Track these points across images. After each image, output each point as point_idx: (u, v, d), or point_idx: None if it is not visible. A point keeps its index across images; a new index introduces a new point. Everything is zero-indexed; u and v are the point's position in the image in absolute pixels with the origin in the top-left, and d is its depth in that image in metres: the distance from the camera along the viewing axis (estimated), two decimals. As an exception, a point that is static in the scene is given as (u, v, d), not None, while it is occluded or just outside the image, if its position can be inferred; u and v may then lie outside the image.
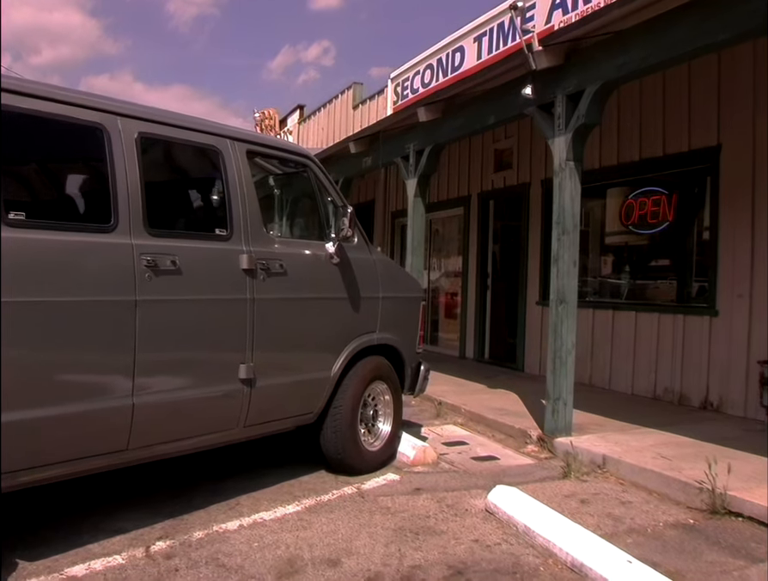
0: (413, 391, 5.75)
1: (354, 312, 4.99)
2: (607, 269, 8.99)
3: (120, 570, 3.43)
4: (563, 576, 3.47)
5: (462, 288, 11.63)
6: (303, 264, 4.67)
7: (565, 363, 5.94)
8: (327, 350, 4.83)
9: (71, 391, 3.38)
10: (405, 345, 5.50)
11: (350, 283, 4.94)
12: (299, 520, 4.17)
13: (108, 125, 3.66)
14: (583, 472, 5.17)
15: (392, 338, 5.34)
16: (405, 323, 5.58)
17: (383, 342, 5.26)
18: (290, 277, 4.49)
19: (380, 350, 5.27)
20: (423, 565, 3.58)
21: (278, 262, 4.44)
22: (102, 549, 3.64)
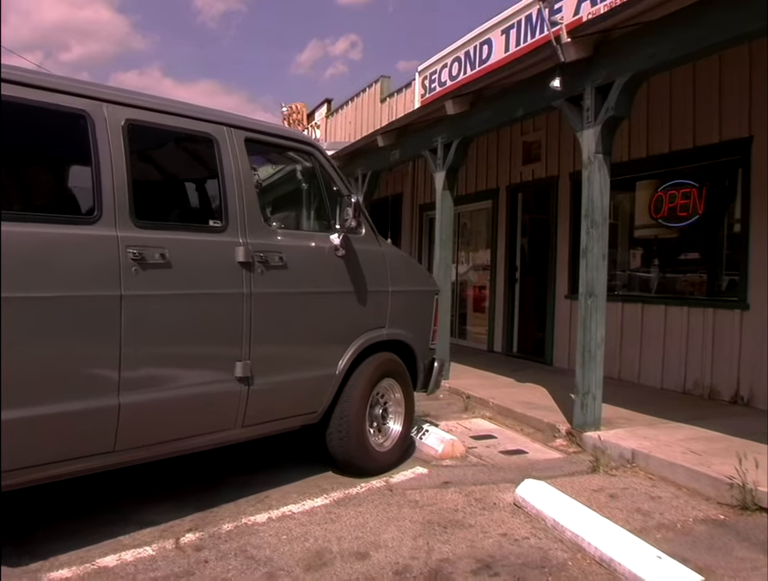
0: (426, 388, 5.51)
1: (361, 307, 4.75)
2: (636, 262, 8.89)
3: (150, 561, 3.47)
4: (592, 571, 3.44)
5: (490, 281, 11.58)
6: (306, 256, 4.43)
7: (594, 357, 5.89)
8: (332, 346, 4.59)
9: (50, 391, 3.19)
10: (417, 341, 5.28)
11: (356, 276, 4.71)
12: (327, 513, 4.18)
13: (93, 112, 3.48)
14: (612, 466, 5.13)
15: (403, 333, 5.11)
16: (418, 318, 5.35)
17: (393, 338, 5.03)
18: (291, 270, 4.27)
19: (390, 346, 5.05)
20: (451, 558, 3.57)
21: (278, 255, 4.21)
22: (133, 541, 3.69)
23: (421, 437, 5.77)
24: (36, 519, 3.91)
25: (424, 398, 7.73)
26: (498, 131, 10.28)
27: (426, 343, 5.44)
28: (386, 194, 15.39)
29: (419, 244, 14.18)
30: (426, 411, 6.97)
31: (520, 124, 10.10)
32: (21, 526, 3.80)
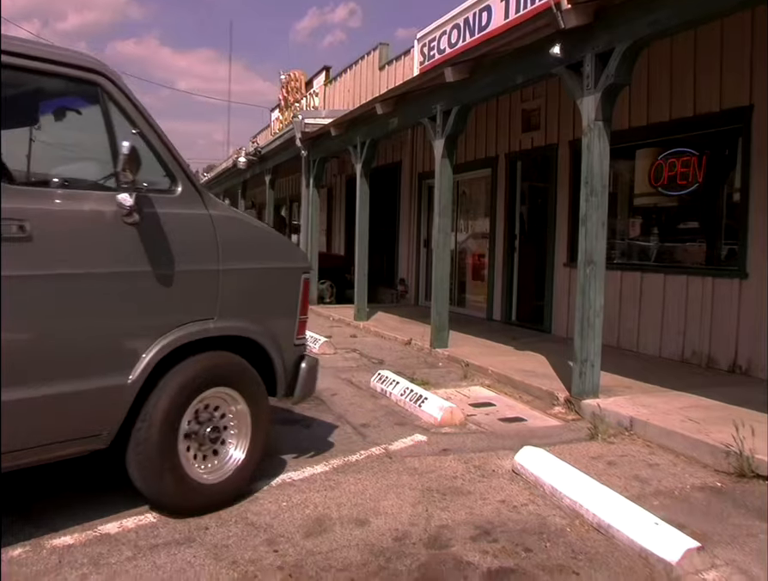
0: (292, 395, 4.21)
1: (168, 292, 3.49)
2: (636, 231, 8.84)
3: (152, 528, 3.48)
4: (590, 537, 3.46)
5: (489, 250, 11.54)
6: (70, 225, 3.21)
7: (593, 325, 5.87)
8: (119, 348, 3.34)
9: None
10: (271, 336, 3.96)
11: (160, 250, 3.45)
12: (327, 480, 4.19)
13: None
14: (610, 434, 5.14)
15: (245, 326, 3.82)
16: (272, 305, 4.05)
17: (228, 333, 3.75)
18: (40, 244, 3.07)
19: (225, 343, 3.77)
20: (450, 525, 3.59)
21: (17, 224, 3.01)
22: (135, 508, 3.68)
23: (420, 404, 5.77)
24: (38, 492, 3.90)
25: (423, 365, 7.78)
26: (498, 99, 10.15)
27: (288, 337, 4.13)
28: (385, 162, 15.28)
29: (418, 212, 14.12)
30: (425, 379, 6.98)
31: (519, 91, 9.96)
32: (23, 498, 3.80)
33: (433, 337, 8.68)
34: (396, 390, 6.25)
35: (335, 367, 7.78)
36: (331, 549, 3.29)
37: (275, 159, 16.59)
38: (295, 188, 20.47)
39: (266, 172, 17.33)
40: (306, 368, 4.26)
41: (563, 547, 3.36)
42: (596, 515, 3.57)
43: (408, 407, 5.92)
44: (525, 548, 3.33)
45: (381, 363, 8.00)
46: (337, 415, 5.74)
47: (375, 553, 3.27)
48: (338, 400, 6.27)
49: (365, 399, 6.33)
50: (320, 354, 8.49)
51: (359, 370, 7.69)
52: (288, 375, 4.13)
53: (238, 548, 3.28)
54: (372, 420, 5.60)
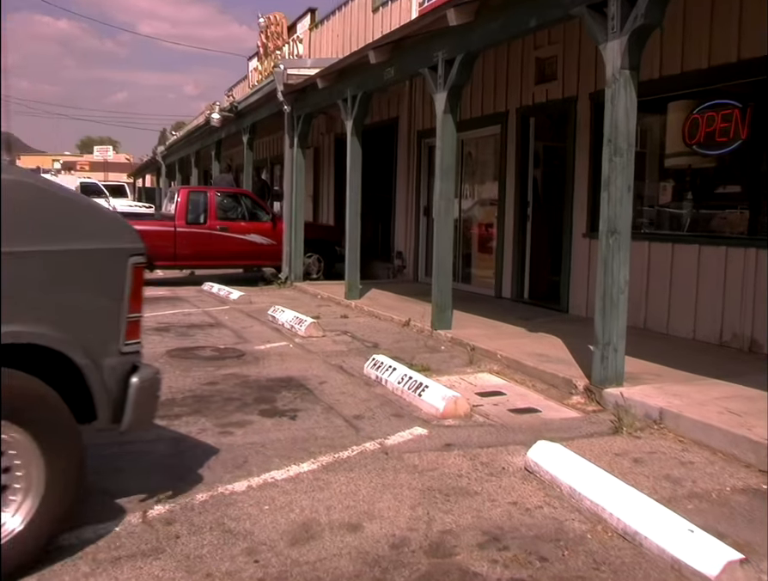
0: (119, 422, 3.43)
1: None
2: (666, 196, 8.79)
3: (114, 538, 3.45)
4: (614, 545, 3.44)
5: (498, 218, 11.50)
6: None
7: (616, 303, 5.84)
8: None
9: None
10: (83, 342, 3.26)
11: None
12: (315, 480, 4.18)
13: None
14: (637, 427, 5.12)
15: (43, 331, 3.14)
16: (84, 300, 3.38)
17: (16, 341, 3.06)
18: None
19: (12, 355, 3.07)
20: (455, 530, 3.57)
21: None
22: (94, 515, 3.65)
23: (420, 393, 5.75)
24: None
25: (423, 349, 7.76)
26: (508, 45, 10.07)
27: (110, 343, 3.42)
28: (380, 119, 15.18)
29: (417, 176, 14.06)
30: (426, 364, 6.96)
31: (532, 36, 9.87)
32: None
33: (434, 317, 8.66)
34: (393, 377, 6.23)
35: (323, 351, 7.75)
36: (319, 558, 3.27)
37: (254, 115, 16.48)
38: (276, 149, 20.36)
39: (244, 130, 17.23)
40: (138, 383, 3.44)
41: (584, 556, 3.34)
42: (621, 520, 3.54)
43: (406, 397, 5.89)
44: (540, 557, 3.31)
45: (376, 347, 7.96)
46: (326, 406, 5.72)
47: (370, 562, 3.25)
48: (327, 388, 6.24)
49: (358, 387, 6.31)
50: (307, 337, 8.48)
51: (351, 354, 7.66)
52: (112, 393, 3.38)
53: (213, 559, 3.26)
54: (366, 411, 5.58)
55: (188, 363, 7.11)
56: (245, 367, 7.01)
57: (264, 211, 14.99)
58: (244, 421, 5.28)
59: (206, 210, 14.25)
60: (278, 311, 9.76)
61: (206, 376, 6.62)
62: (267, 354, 7.62)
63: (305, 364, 7.14)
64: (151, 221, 14.91)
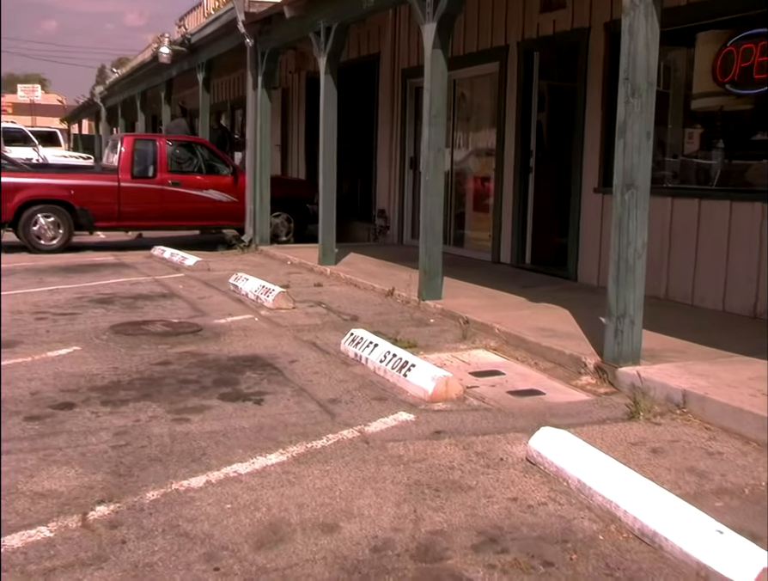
0: None
1: None
2: (693, 144, 8.78)
3: (47, 545, 3.41)
4: (630, 547, 3.45)
5: (496, 171, 11.47)
6: None
7: (633, 269, 5.83)
8: None
9: None
10: None
11: None
12: (284, 473, 4.18)
13: None
14: (656, 412, 5.14)
15: None
16: None
17: None
18: None
19: None
20: (446, 530, 3.58)
21: None
22: (22, 520, 3.62)
23: (405, 373, 5.75)
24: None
25: (409, 323, 7.75)
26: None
27: None
28: (358, 55, 15.05)
29: (402, 122, 13.97)
30: (412, 340, 6.96)
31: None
32: None
33: (422, 286, 8.65)
34: (374, 355, 6.22)
35: (294, 325, 7.74)
36: (289, 564, 3.27)
37: (210, 50, 16.29)
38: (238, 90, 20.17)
39: (199, 68, 17.03)
40: None
41: (595, 560, 3.34)
42: (638, 519, 3.55)
43: (390, 377, 5.89)
44: (544, 562, 3.32)
45: (355, 321, 7.96)
46: (297, 388, 5.71)
47: (348, 568, 3.24)
48: (299, 368, 6.24)
49: (334, 366, 6.31)
50: (275, 309, 8.45)
51: (326, 329, 7.66)
52: None
53: (166, 567, 3.24)
54: (343, 394, 5.58)
55: (136, 340, 7.06)
56: (202, 344, 6.98)
57: (223, 164, 14.88)
58: (202, 407, 5.26)
59: (155, 161, 14.12)
60: (241, 279, 9.71)
61: (157, 354, 6.58)
62: (229, 329, 7.59)
63: (273, 341, 7.12)
64: (90, 174, 14.79)
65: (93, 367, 6.14)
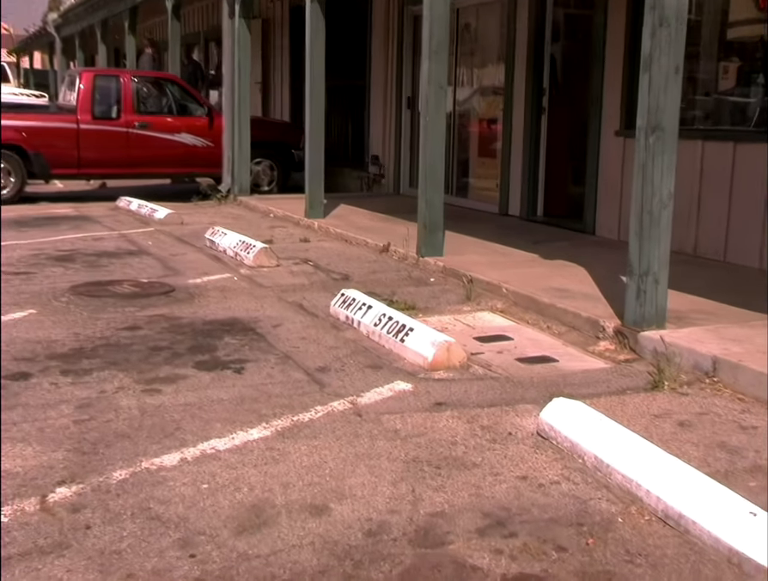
0: None
1: None
2: (729, 81, 8.72)
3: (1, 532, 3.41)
4: (653, 531, 3.46)
5: (505, 112, 11.43)
6: None
7: (658, 221, 5.82)
8: None
9: None
10: None
11: None
12: (267, 450, 4.18)
13: None
14: (682, 381, 5.15)
15: None
16: None
17: None
18: None
19: None
20: (448, 511, 3.59)
21: None
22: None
23: (402, 338, 5.75)
24: None
25: (407, 282, 7.75)
26: None
27: None
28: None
29: (399, 57, 13.86)
30: (410, 302, 6.97)
31: None
32: None
33: (421, 241, 8.63)
34: (367, 318, 6.22)
35: (278, 285, 7.74)
36: (273, 551, 3.27)
37: (182, -27, 16.12)
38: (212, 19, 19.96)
39: (168, -7, 16.85)
40: None
41: (614, 545, 3.35)
42: (662, 499, 3.56)
43: (385, 343, 5.90)
44: (557, 547, 3.33)
45: (346, 280, 7.96)
46: (281, 355, 5.72)
47: (339, 554, 3.25)
48: (284, 333, 6.24)
49: (322, 331, 6.32)
50: (256, 267, 8.43)
51: (313, 289, 7.66)
52: None
53: (136, 555, 3.24)
54: (333, 362, 5.59)
55: (100, 302, 7.05)
56: (175, 307, 6.97)
57: (197, 103, 14.76)
58: (175, 376, 5.27)
59: (119, 100, 13.99)
60: (219, 234, 9.67)
61: (124, 318, 6.57)
62: (204, 289, 7.59)
63: (254, 302, 7.12)
64: (44, 115, 14.64)
65: (51, 332, 6.14)
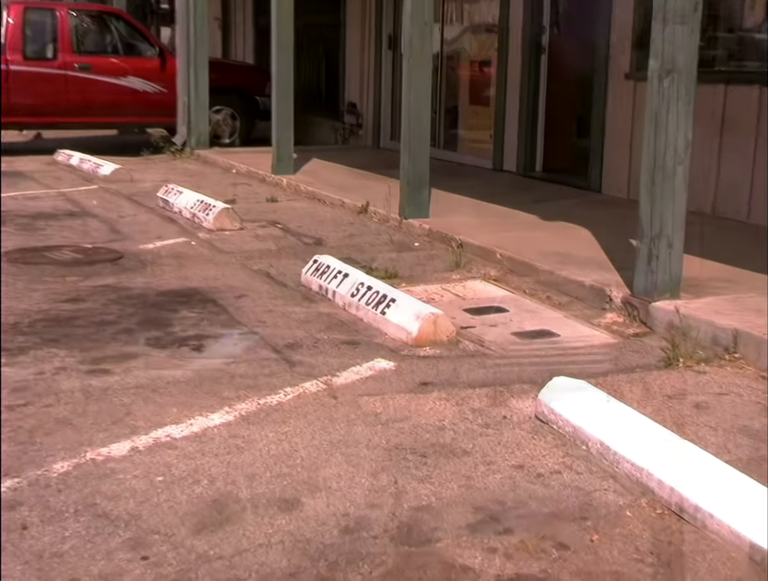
0: None
1: None
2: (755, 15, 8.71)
3: None
4: (665, 525, 3.48)
5: (499, 52, 11.42)
6: None
7: (672, 177, 5.83)
8: None
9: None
10: None
11: None
12: (231, 437, 4.18)
13: None
14: (699, 358, 5.17)
15: None
16: None
17: None
18: None
19: None
20: (435, 505, 3.60)
21: None
22: None
23: (383, 310, 5.76)
24: None
25: (389, 247, 7.75)
26: None
27: None
28: None
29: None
30: (392, 269, 6.98)
31: None
32: None
33: (404, 200, 8.63)
34: (344, 288, 6.22)
35: (242, 251, 7.74)
36: (238, 551, 3.28)
37: None
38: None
39: None
40: None
41: (621, 542, 3.37)
42: (676, 490, 3.57)
43: (364, 315, 5.92)
44: (557, 544, 3.35)
45: (319, 245, 7.98)
46: (246, 330, 5.73)
47: (312, 554, 3.26)
48: (248, 305, 6.25)
49: (293, 303, 6.33)
50: (217, 230, 8.40)
51: (282, 255, 7.68)
52: None
53: (80, 558, 3.23)
54: (305, 338, 5.60)
55: (37, 270, 7.03)
56: (124, 276, 6.95)
57: (147, 42, 14.66)
58: (124, 355, 5.26)
59: (56, 38, 13.85)
60: (173, 193, 9.63)
61: (65, 289, 6.55)
62: (158, 256, 7.57)
63: (215, 271, 7.11)
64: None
65: (-19, 305, 6.11)
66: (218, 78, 14.02)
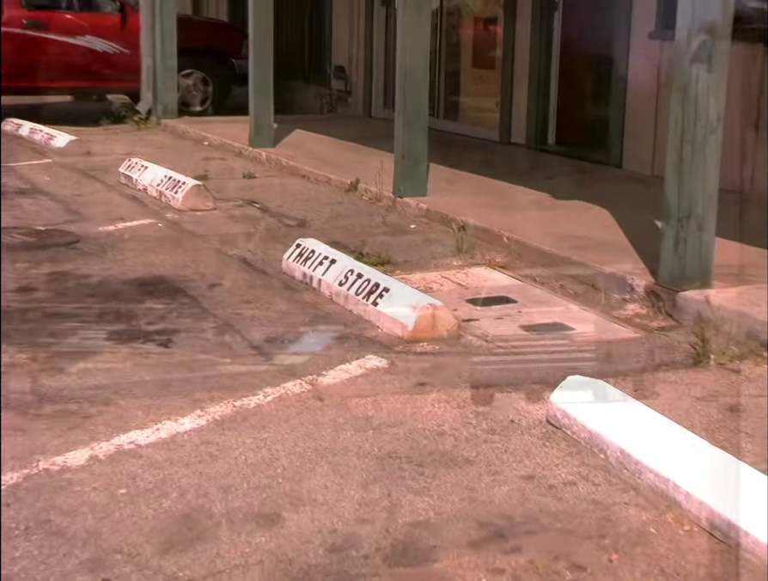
0: None
1: None
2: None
3: None
4: (695, 544, 3.48)
5: (506, 9, 11.42)
6: None
7: (702, 151, 5.83)
8: None
9: None
10: None
11: None
12: (203, 444, 4.19)
13: None
14: (733, 355, 5.18)
15: None
16: None
17: None
18: None
19: None
20: (433, 520, 3.61)
21: None
22: None
23: (375, 300, 5.76)
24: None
25: (381, 229, 7.76)
26: None
27: None
28: None
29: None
30: (385, 253, 7.01)
31: None
32: None
33: (399, 177, 8.64)
34: (330, 276, 6.23)
35: (215, 234, 7.76)
36: (211, 572, 3.28)
37: None
38: None
39: None
40: None
41: (644, 562, 3.38)
42: (705, 504, 3.58)
43: (353, 307, 5.93)
44: (571, 565, 3.35)
45: (303, 227, 8.00)
46: (220, 323, 5.75)
47: (295, 575, 3.27)
48: (222, 295, 6.27)
49: (273, 292, 6.36)
50: (186, 210, 8.40)
51: (261, 239, 7.70)
52: None
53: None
54: (286, 332, 5.62)
55: (-17, 255, 7.02)
56: (82, 262, 6.96)
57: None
58: (82, 351, 5.27)
59: (0, -10, 13.79)
60: (137, 168, 9.63)
61: (15, 277, 6.56)
62: (120, 240, 7.58)
63: (184, 256, 7.13)
64: None
65: None
66: (188, 37, 13.96)
